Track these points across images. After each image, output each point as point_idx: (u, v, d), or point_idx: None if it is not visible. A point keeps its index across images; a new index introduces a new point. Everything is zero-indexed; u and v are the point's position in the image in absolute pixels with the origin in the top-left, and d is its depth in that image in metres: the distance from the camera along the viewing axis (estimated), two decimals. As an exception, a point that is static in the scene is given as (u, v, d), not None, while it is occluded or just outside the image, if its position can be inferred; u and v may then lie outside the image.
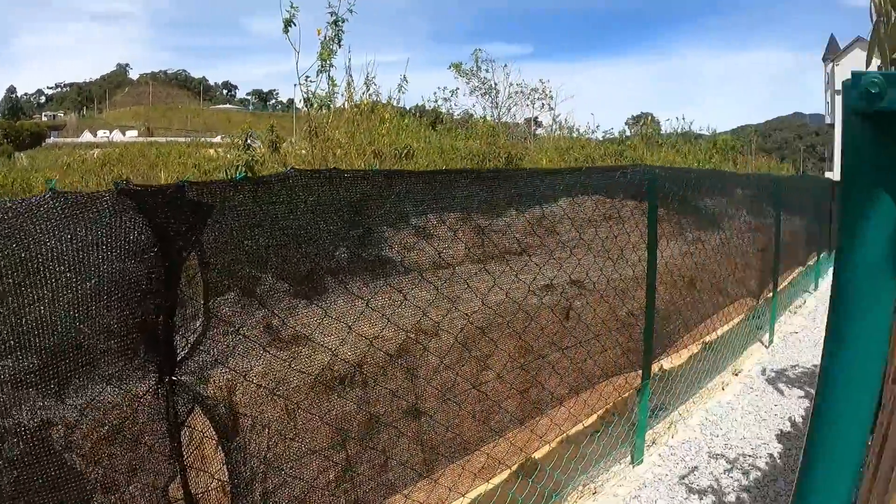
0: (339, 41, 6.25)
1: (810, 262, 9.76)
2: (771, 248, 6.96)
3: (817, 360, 3.81)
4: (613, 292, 3.49)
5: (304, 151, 6.83)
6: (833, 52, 63.00)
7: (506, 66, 14.71)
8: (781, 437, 4.57)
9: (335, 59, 6.15)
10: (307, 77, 6.25)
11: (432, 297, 2.09)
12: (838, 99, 59.19)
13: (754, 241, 6.39)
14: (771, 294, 7.19)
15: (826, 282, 10.61)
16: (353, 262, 1.85)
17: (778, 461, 4.19)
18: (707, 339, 5.47)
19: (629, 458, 4.09)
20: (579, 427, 3.66)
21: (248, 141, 8.16)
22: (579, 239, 3.01)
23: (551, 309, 2.76)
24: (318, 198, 1.76)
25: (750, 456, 4.24)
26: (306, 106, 6.56)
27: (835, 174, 53.84)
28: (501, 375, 2.50)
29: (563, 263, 2.85)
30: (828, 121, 66.01)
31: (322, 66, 6.34)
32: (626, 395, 4.05)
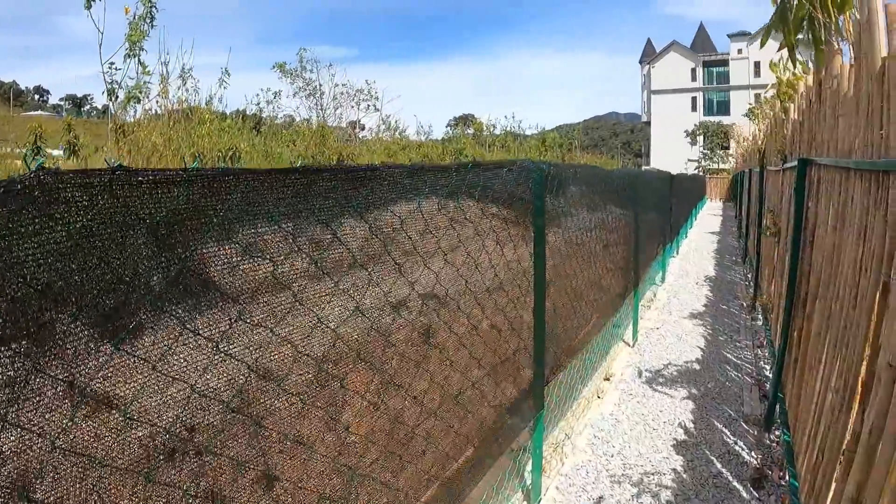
0: (152, 20, 5.17)
1: (658, 255, 9.88)
2: (631, 243, 6.79)
3: (687, 356, 3.40)
4: (494, 312, 2.89)
5: (112, 157, 5.71)
6: (649, 56, 68.78)
7: (331, 66, 14.15)
8: (678, 446, 4.26)
9: (148, 42, 5.07)
10: (112, 64, 5.11)
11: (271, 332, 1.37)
12: (654, 98, 64.56)
13: (621, 237, 6.16)
14: (632, 291, 7.01)
15: (671, 274, 10.87)
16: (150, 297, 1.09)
17: (684, 475, 3.85)
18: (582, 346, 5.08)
19: (524, 499, 3.55)
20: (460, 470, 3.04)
21: (38, 146, 6.76)
22: (451, 251, 2.37)
23: (419, 334, 2.10)
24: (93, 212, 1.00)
25: (653, 474, 3.87)
26: (110, 99, 5.42)
27: (651, 168, 58.30)
28: (360, 420, 1.78)
29: (438, 279, 2.20)
30: (643, 119, 71.71)
31: (130, 50, 5.22)
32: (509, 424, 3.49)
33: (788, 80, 6.17)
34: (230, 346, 1.23)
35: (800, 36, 3.37)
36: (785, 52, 3.62)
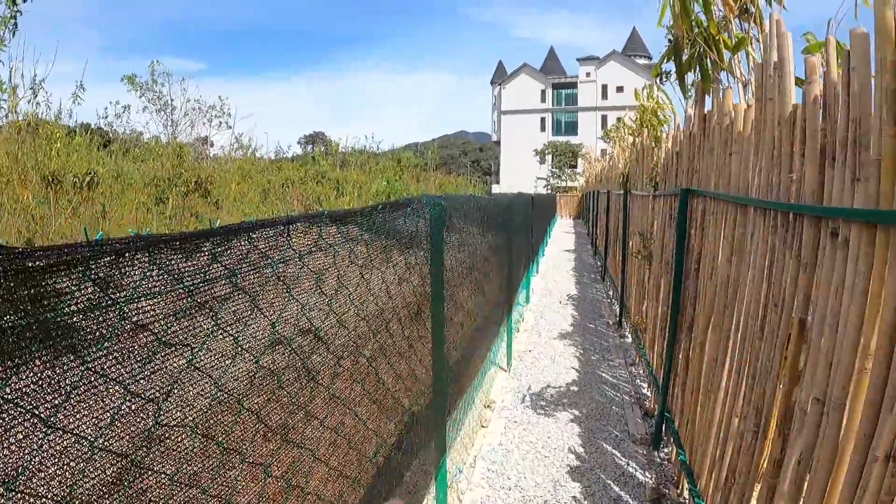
0: (15, 25, 4.62)
1: (524, 276, 10.18)
2: (506, 267, 6.94)
3: (564, 378, 3.53)
4: (397, 357, 2.82)
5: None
6: (501, 77, 71.53)
7: (183, 80, 13.61)
8: (573, 472, 4.38)
9: (6, 51, 4.52)
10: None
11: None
12: (504, 118, 67.15)
13: (498, 262, 6.28)
14: (506, 315, 7.16)
15: (535, 294, 11.21)
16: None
17: (584, 502, 3.93)
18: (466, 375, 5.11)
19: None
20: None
21: None
22: (360, 300, 2.30)
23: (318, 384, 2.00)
24: None
25: (554, 505, 3.91)
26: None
27: (501, 187, 60.88)
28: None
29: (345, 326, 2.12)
30: (494, 138, 74.28)
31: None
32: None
33: (652, 107, 6.59)
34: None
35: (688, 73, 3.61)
36: (648, 80, 3.88)
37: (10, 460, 0.80)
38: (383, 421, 2.49)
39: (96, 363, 0.91)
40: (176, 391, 1.09)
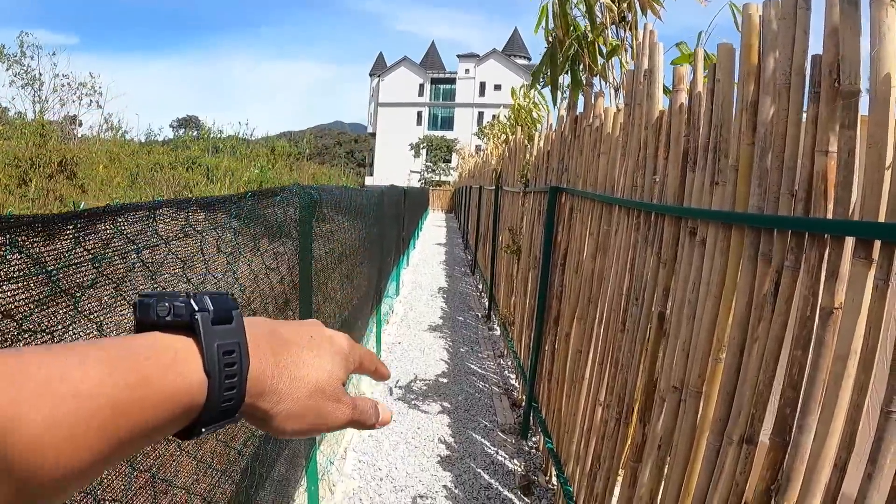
0: None
1: (394, 268, 10.20)
2: (376, 258, 6.91)
3: (434, 370, 3.69)
4: None
5: None
6: (380, 69, 71.09)
7: (54, 53, 12.68)
8: (444, 462, 4.42)
9: None
10: None
11: None
12: (381, 110, 66.87)
13: (369, 254, 6.24)
14: (376, 307, 7.14)
15: (405, 286, 11.25)
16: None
17: (456, 491, 4.02)
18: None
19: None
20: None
21: None
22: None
23: None
24: None
25: (426, 497, 3.94)
26: None
27: (375, 179, 60.67)
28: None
29: None
30: (369, 129, 73.83)
31: None
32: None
33: (527, 106, 6.77)
34: None
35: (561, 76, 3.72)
36: (526, 80, 3.98)
37: None
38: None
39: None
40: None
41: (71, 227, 1.09)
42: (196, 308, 0.49)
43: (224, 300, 0.52)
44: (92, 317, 1.15)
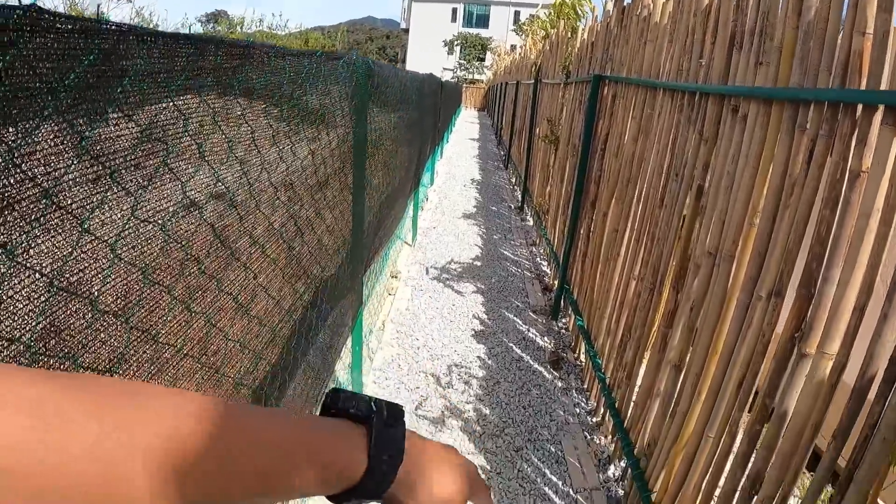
0: None
1: (429, 157, 10.28)
2: (416, 144, 7.00)
3: (468, 254, 3.88)
4: (326, 214, 2.90)
5: None
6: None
7: None
8: (477, 336, 4.69)
9: None
10: None
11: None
12: (415, 6, 64.84)
13: (410, 138, 6.33)
14: (414, 191, 7.28)
15: (439, 177, 11.35)
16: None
17: (489, 361, 4.27)
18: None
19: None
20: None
21: None
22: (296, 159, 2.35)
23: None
24: None
25: (461, 365, 4.20)
26: None
27: (408, 76, 59.10)
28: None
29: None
30: (402, 26, 71.90)
31: None
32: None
33: (572, 2, 6.66)
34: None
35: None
36: None
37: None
38: (318, 269, 2.62)
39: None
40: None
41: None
42: (374, 409, 0.63)
43: (395, 408, 0.65)
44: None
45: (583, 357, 4.29)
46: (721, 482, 2.07)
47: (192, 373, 1.26)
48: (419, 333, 4.71)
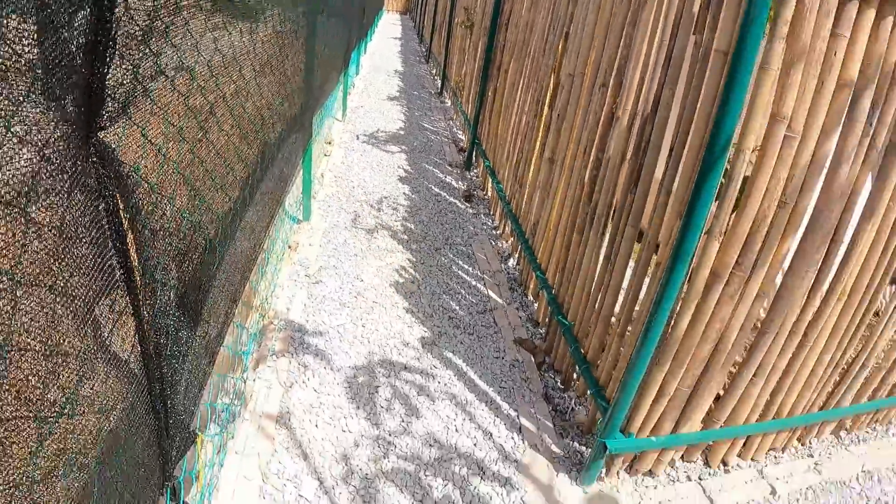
0: None
1: (355, 48, 10.83)
2: (348, 27, 7.60)
3: (393, 126, 5.49)
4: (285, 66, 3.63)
5: None
6: None
7: None
8: (403, 180, 5.61)
9: None
10: None
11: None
12: None
13: (345, 19, 6.95)
14: (343, 71, 7.94)
15: (364, 69, 11.90)
16: None
17: (413, 196, 5.21)
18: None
19: (300, 217, 4.53)
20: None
21: None
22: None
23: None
24: None
25: (389, 197, 5.11)
26: None
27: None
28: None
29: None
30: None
31: None
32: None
33: None
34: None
35: None
36: None
37: None
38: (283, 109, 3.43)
39: None
40: None
41: None
42: None
43: None
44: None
45: (490, 192, 5.29)
46: (570, 218, 3.11)
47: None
48: (353, 178, 5.57)
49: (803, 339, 2.41)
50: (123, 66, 0.96)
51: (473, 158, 6.10)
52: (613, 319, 2.58)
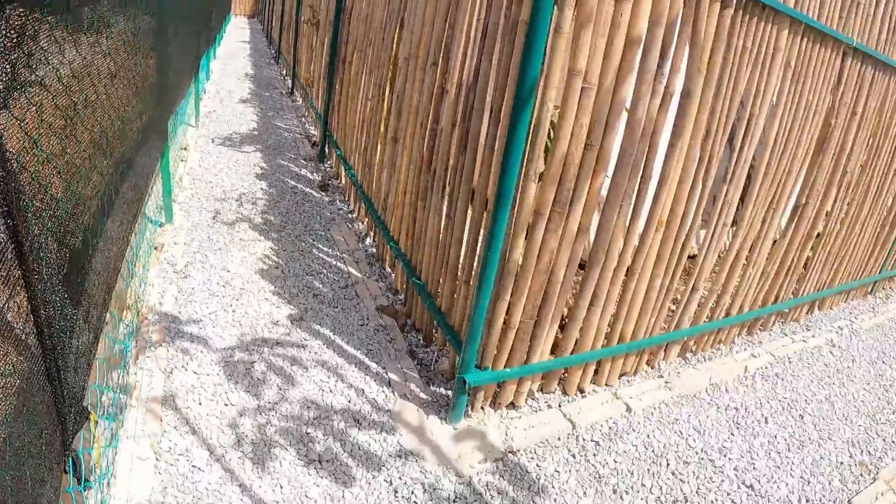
0: None
1: (204, 54, 10.64)
2: (198, 34, 7.52)
3: (248, 127, 5.74)
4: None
5: None
6: None
7: None
8: (260, 176, 5.67)
9: None
10: None
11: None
12: None
13: (194, 26, 6.85)
14: (194, 76, 7.84)
15: (214, 73, 11.72)
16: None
17: (270, 190, 5.30)
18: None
19: (163, 220, 4.52)
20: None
21: None
22: None
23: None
24: None
25: (248, 193, 5.18)
26: None
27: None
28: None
29: None
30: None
31: None
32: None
33: None
34: None
35: None
36: None
37: None
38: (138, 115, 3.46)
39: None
40: None
41: None
42: None
43: None
44: None
45: (344, 179, 5.46)
46: (414, 188, 3.35)
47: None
48: (212, 179, 5.54)
49: (632, 266, 2.79)
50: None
51: (326, 150, 6.25)
52: (459, 271, 2.86)
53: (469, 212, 2.76)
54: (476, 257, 2.68)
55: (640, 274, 2.82)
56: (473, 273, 2.68)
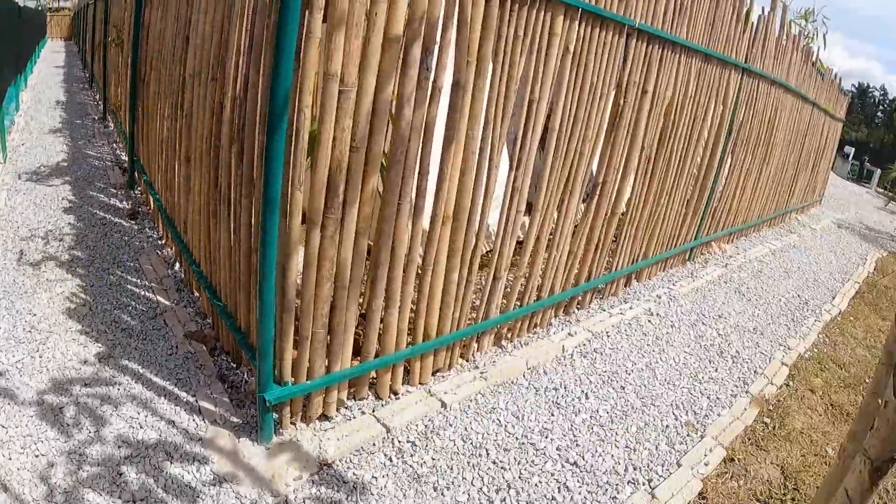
0: None
1: (12, 84, 9.85)
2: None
3: (56, 159, 6.45)
4: None
5: None
6: None
7: None
8: (68, 210, 5.29)
9: None
10: None
11: None
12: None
13: None
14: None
15: (25, 103, 10.88)
16: None
17: (78, 224, 4.97)
18: None
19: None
20: None
21: None
22: None
23: None
24: None
25: (55, 229, 4.84)
26: None
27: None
28: None
29: None
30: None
31: None
32: None
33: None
34: None
35: None
36: None
37: None
38: None
39: None
40: None
41: None
42: None
43: None
44: None
45: (151, 205, 5.20)
46: (206, 206, 3.23)
47: None
48: (17, 219, 5.01)
49: (424, 262, 2.81)
50: None
51: (136, 176, 5.94)
52: (252, 288, 2.78)
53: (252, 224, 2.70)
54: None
55: (434, 269, 2.86)
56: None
